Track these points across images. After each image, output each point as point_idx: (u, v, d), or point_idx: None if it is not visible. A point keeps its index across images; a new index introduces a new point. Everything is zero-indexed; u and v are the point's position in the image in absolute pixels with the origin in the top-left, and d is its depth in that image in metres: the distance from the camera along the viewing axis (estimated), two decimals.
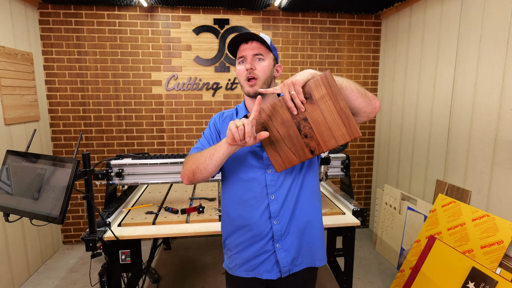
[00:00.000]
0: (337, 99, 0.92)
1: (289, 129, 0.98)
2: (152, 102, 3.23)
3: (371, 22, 3.38)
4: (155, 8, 3.09)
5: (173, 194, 2.29)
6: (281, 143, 1.00)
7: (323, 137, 0.96)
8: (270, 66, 1.14)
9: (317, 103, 0.93)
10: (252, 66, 1.10)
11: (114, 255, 1.69)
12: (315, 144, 0.97)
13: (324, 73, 0.91)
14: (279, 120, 0.97)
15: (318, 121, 0.95)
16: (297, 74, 0.95)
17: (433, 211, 2.40)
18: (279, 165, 1.02)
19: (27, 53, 2.76)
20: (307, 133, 0.97)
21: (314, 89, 0.92)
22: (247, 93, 1.14)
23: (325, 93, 0.92)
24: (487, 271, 1.84)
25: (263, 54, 1.12)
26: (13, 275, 2.54)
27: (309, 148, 0.98)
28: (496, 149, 2.00)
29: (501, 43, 1.95)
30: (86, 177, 1.49)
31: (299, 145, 0.99)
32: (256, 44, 1.11)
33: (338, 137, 0.95)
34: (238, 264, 1.20)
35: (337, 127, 0.94)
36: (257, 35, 1.10)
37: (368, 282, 2.69)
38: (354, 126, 0.93)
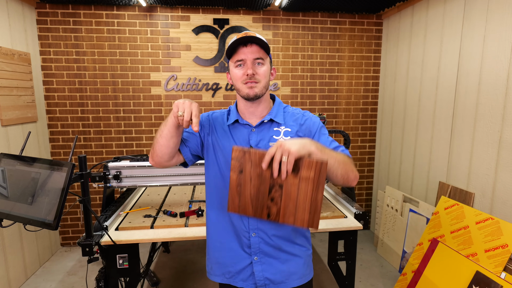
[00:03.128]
0: (318, 189, 0.92)
1: (262, 184, 0.95)
2: (151, 102, 3.20)
3: (372, 22, 3.34)
4: (154, 7, 3.06)
5: (172, 197, 2.25)
6: (247, 190, 0.97)
7: (285, 210, 0.95)
8: (268, 70, 1.12)
9: (299, 180, 0.92)
10: (254, 71, 1.07)
11: (111, 259, 1.65)
12: (275, 211, 0.96)
13: (322, 160, 0.91)
14: (258, 170, 0.95)
15: (290, 195, 0.94)
16: (295, 143, 0.91)
17: (435, 214, 2.37)
18: (233, 206, 0.99)
19: (24, 53, 2.73)
20: (274, 197, 0.95)
21: (305, 167, 0.91)
22: (245, 96, 1.08)
23: (311, 177, 0.92)
24: (491, 275, 1.81)
25: (263, 58, 1.09)
26: (10, 278, 2.51)
27: (268, 211, 0.97)
28: (500, 151, 1.97)
29: (505, 43, 1.92)
30: (83, 180, 1.46)
31: (261, 203, 0.97)
32: (256, 48, 1.07)
33: (297, 219, 0.95)
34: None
35: (303, 211, 0.94)
36: (257, 37, 1.06)
37: (369, 285, 2.65)
38: (317, 220, 0.94)
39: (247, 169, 0.95)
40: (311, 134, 1.14)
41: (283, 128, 1.14)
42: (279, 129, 1.14)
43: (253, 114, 1.16)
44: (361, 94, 3.46)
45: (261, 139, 1.13)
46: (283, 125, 1.15)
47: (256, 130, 1.14)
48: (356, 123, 3.51)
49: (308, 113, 1.20)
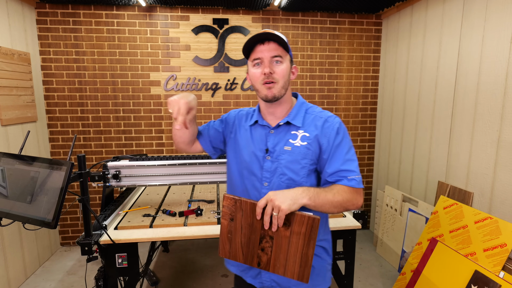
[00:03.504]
0: (309, 244, 0.91)
1: (252, 234, 0.96)
2: (151, 102, 3.20)
3: (372, 22, 3.35)
4: (153, 7, 3.06)
5: (171, 196, 2.26)
6: (237, 238, 0.97)
7: (276, 261, 0.95)
8: (288, 69, 1.06)
9: (290, 233, 0.92)
10: (271, 70, 1.02)
11: (110, 258, 1.66)
12: (265, 260, 0.96)
13: (314, 217, 0.90)
14: (248, 220, 0.95)
15: (281, 247, 0.94)
16: (287, 197, 0.90)
17: (434, 213, 2.37)
18: (223, 252, 1.00)
19: (24, 53, 2.73)
20: (265, 248, 0.95)
21: (297, 222, 0.91)
22: (264, 97, 1.06)
23: (303, 232, 0.91)
24: (490, 274, 1.81)
25: (281, 56, 1.04)
26: (9, 277, 2.51)
27: (259, 260, 0.97)
28: (499, 151, 1.97)
29: (504, 43, 1.92)
30: (82, 179, 1.46)
31: (251, 251, 0.97)
32: (274, 45, 1.02)
33: (287, 271, 0.95)
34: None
35: (293, 263, 0.94)
36: (275, 34, 1.01)
37: (368, 284, 2.65)
38: (307, 274, 0.93)
39: (238, 218, 0.96)
40: (328, 144, 1.06)
41: (301, 132, 1.08)
42: (296, 132, 1.09)
43: (272, 114, 1.12)
44: (360, 94, 3.46)
45: (278, 142, 1.09)
46: (301, 128, 1.09)
47: (275, 132, 1.11)
48: (356, 123, 3.51)
49: (330, 118, 1.10)
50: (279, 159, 1.08)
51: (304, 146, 1.06)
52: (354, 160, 1.07)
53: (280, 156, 1.08)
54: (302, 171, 1.07)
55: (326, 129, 1.07)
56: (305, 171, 1.07)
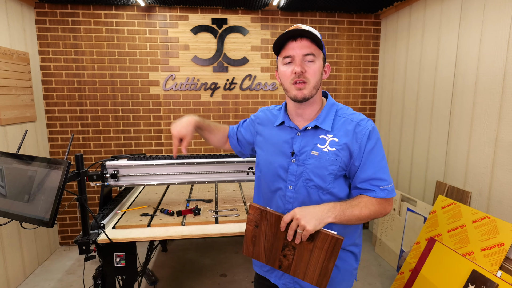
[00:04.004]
0: (330, 260, 0.94)
1: (275, 242, 0.99)
2: (150, 102, 3.21)
3: (371, 22, 3.35)
4: (152, 7, 3.07)
5: (170, 196, 2.26)
6: (261, 243, 1.01)
7: (296, 267, 0.99)
8: (320, 68, 1.01)
9: (313, 247, 0.94)
10: (302, 69, 0.97)
11: (108, 258, 1.66)
12: (286, 265, 1.00)
13: (338, 237, 0.91)
14: (273, 230, 0.98)
15: (302, 257, 0.97)
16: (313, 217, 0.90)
17: (433, 213, 2.38)
18: (247, 251, 1.05)
19: (23, 53, 2.74)
20: (287, 255, 0.99)
21: (320, 239, 0.93)
22: (293, 98, 1.01)
23: (325, 249, 0.93)
24: (487, 274, 1.81)
25: (314, 54, 0.98)
26: (8, 276, 2.51)
27: (280, 263, 1.00)
28: (497, 150, 1.97)
29: (502, 43, 1.92)
30: (79, 179, 1.46)
31: (274, 256, 1.01)
32: (307, 42, 0.97)
33: (307, 277, 0.98)
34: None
35: (313, 272, 0.97)
36: (308, 31, 0.95)
37: (367, 284, 2.66)
38: (325, 282, 0.96)
39: (263, 226, 0.99)
40: (360, 151, 1.01)
41: (330, 137, 1.03)
42: (325, 137, 1.03)
43: (301, 116, 1.08)
44: (359, 94, 3.46)
45: (304, 145, 1.05)
46: (331, 132, 1.03)
47: (302, 134, 1.06)
48: None
49: (363, 122, 1.04)
50: (305, 164, 1.04)
51: (332, 152, 1.01)
52: (386, 168, 1.04)
53: (306, 161, 1.04)
54: (329, 177, 1.03)
55: (357, 134, 1.01)
56: (332, 177, 1.03)
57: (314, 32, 0.97)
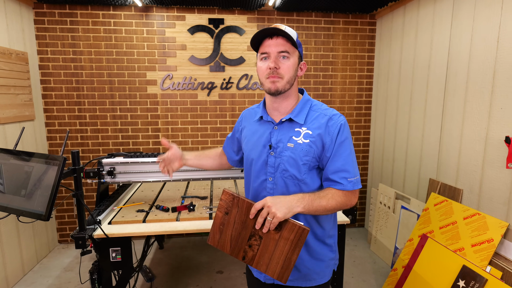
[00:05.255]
0: (294, 250, 0.96)
1: (243, 230, 1.00)
2: (147, 101, 3.24)
3: (366, 22, 3.38)
4: (150, 8, 3.10)
5: (166, 193, 2.29)
6: (228, 231, 1.02)
7: (260, 259, 1.00)
8: (295, 65, 1.07)
9: (279, 237, 0.97)
10: (276, 65, 1.04)
11: (104, 253, 1.69)
12: (250, 256, 1.01)
13: (304, 227, 0.94)
14: (242, 217, 1.00)
15: (268, 247, 0.98)
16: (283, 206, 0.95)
17: (425, 210, 2.41)
18: (213, 240, 1.05)
19: (22, 52, 2.78)
20: (252, 245, 1.00)
21: (287, 229, 0.96)
22: (267, 90, 1.08)
23: (291, 239, 0.96)
24: (477, 269, 1.85)
25: (288, 51, 1.05)
26: (7, 273, 2.55)
27: (244, 254, 1.02)
28: (487, 148, 2.01)
29: (491, 42, 1.96)
30: (75, 175, 1.50)
31: (239, 245, 1.02)
32: (282, 40, 1.04)
33: (270, 269, 0.99)
34: None
35: (276, 264, 0.98)
36: (283, 30, 1.02)
37: (361, 281, 2.69)
38: (287, 275, 0.98)
39: (233, 213, 1.01)
40: (331, 142, 1.07)
41: (304, 130, 1.09)
42: (300, 129, 1.09)
43: (277, 110, 1.14)
44: (355, 93, 3.50)
45: (281, 138, 1.11)
46: (304, 125, 1.10)
47: (278, 127, 1.12)
48: (350, 121, 3.54)
49: (335, 116, 1.10)
50: (282, 156, 1.10)
51: (306, 143, 1.07)
52: (354, 161, 1.09)
53: (282, 153, 1.09)
54: (304, 167, 1.08)
55: (330, 127, 1.07)
56: (306, 168, 1.08)
57: (289, 32, 1.03)
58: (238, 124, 1.35)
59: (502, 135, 1.89)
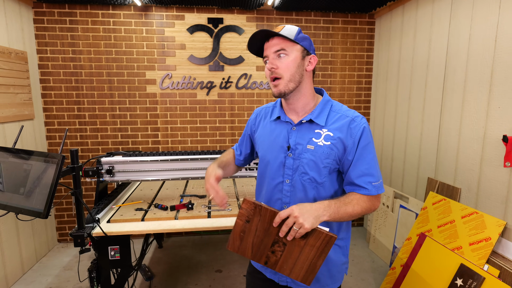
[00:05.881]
0: (320, 257, 0.94)
1: (266, 238, 0.97)
2: (147, 101, 3.25)
3: (365, 21, 3.39)
4: (149, 7, 3.11)
5: (165, 192, 2.30)
6: (250, 238, 0.99)
7: (283, 264, 0.98)
8: (296, 60, 1.03)
9: (304, 244, 0.94)
10: (273, 65, 1.02)
11: (103, 251, 1.70)
12: (273, 261, 0.98)
13: (331, 235, 0.92)
14: (265, 226, 0.96)
15: (292, 253, 0.96)
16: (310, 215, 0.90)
17: (424, 209, 2.42)
18: (233, 246, 1.02)
19: (21, 51, 2.78)
20: (276, 251, 0.97)
21: (314, 236, 0.93)
22: (273, 95, 1.07)
23: (317, 246, 0.93)
24: (475, 267, 1.85)
25: (285, 48, 1.01)
26: (6, 272, 2.55)
27: (267, 259, 0.99)
28: (485, 147, 2.01)
29: (489, 42, 1.96)
30: (74, 173, 1.50)
31: (261, 251, 0.99)
32: (277, 40, 1.02)
33: (293, 273, 0.97)
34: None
35: (300, 269, 0.96)
36: (273, 32, 1.01)
37: (360, 279, 2.70)
38: (311, 279, 0.96)
39: (255, 221, 0.97)
40: (354, 145, 1.03)
41: (324, 131, 1.05)
42: (320, 131, 1.05)
43: (293, 110, 1.11)
44: (354, 93, 3.50)
45: (300, 140, 1.08)
46: (325, 127, 1.05)
47: (297, 128, 1.09)
48: None
49: (357, 118, 1.06)
50: (301, 158, 1.06)
51: (327, 146, 1.04)
52: (377, 165, 1.07)
53: (302, 155, 1.06)
54: (324, 171, 1.05)
55: (352, 129, 1.03)
56: (327, 171, 1.05)
57: (284, 31, 1.01)
58: (252, 121, 1.29)
59: (500, 134, 1.89)
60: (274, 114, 1.16)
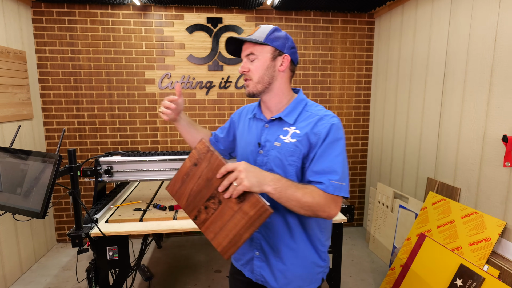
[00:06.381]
0: (248, 228, 0.89)
1: (205, 188, 0.94)
2: (146, 100, 3.24)
3: (364, 21, 3.38)
4: (148, 7, 3.10)
5: (163, 192, 2.29)
6: (190, 184, 0.96)
7: (211, 225, 0.94)
8: (265, 62, 1.05)
9: (238, 209, 0.90)
10: (244, 69, 1.07)
11: (101, 251, 1.69)
12: (203, 218, 0.95)
13: (267, 208, 0.87)
14: (209, 175, 0.93)
15: (223, 215, 0.92)
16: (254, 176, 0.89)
17: (423, 209, 2.41)
18: (172, 188, 1.00)
19: (20, 51, 2.77)
20: (209, 207, 0.94)
21: (250, 203, 0.89)
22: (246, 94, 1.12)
23: (250, 215, 0.89)
24: (474, 268, 1.85)
25: (254, 52, 1.05)
26: (5, 272, 2.55)
27: (198, 214, 0.96)
28: (484, 147, 2.01)
29: (489, 41, 1.96)
30: (72, 173, 1.50)
31: (195, 203, 0.96)
32: (246, 45, 1.07)
33: (216, 239, 0.94)
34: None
35: (225, 236, 0.92)
36: (239, 38, 1.06)
37: (359, 280, 2.69)
38: (231, 252, 0.92)
39: (202, 166, 0.94)
40: (317, 142, 1.01)
41: (292, 129, 1.06)
42: (288, 129, 1.06)
43: (267, 109, 1.13)
44: (353, 92, 3.50)
45: (270, 137, 1.09)
46: (294, 125, 1.06)
47: (269, 126, 1.11)
48: (349, 121, 3.54)
49: (326, 117, 1.04)
50: (269, 155, 1.07)
51: (292, 143, 1.03)
52: (342, 166, 1.00)
53: (269, 152, 1.07)
54: (290, 168, 1.04)
55: (318, 127, 1.02)
56: (293, 169, 1.04)
57: (253, 36, 1.05)
58: (236, 116, 1.31)
59: (500, 134, 1.89)
60: (252, 112, 1.20)
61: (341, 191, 0.98)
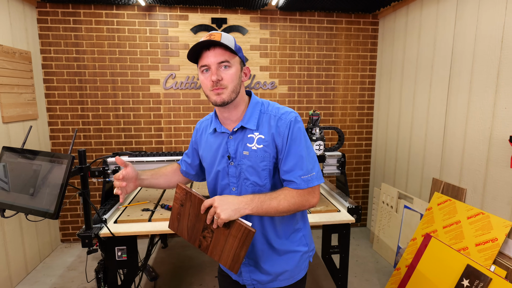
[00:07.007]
0: (242, 248, 0.99)
1: (197, 223, 1.04)
2: (150, 101, 3.24)
3: (369, 22, 3.39)
4: (153, 7, 3.11)
5: (170, 192, 2.30)
6: (184, 221, 1.07)
7: (213, 249, 1.04)
8: (237, 72, 1.04)
9: (228, 234, 0.99)
10: (218, 77, 1.00)
11: (110, 252, 1.70)
12: (205, 245, 1.05)
13: (250, 229, 0.96)
14: (195, 211, 1.02)
15: (219, 241, 1.02)
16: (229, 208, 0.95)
17: (429, 209, 2.41)
18: (172, 226, 1.11)
19: (25, 51, 2.78)
20: (206, 236, 1.04)
21: (235, 228, 0.98)
22: (213, 103, 1.05)
23: (238, 237, 0.98)
24: (481, 268, 1.85)
25: (229, 60, 1.01)
26: (10, 272, 2.55)
27: (200, 243, 1.06)
28: (491, 148, 2.01)
29: (495, 42, 1.96)
30: (82, 173, 1.50)
31: (195, 235, 1.06)
32: (220, 50, 1.00)
33: (222, 259, 1.03)
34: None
35: (227, 256, 1.02)
36: (219, 42, 0.98)
37: (364, 280, 2.70)
38: (237, 267, 1.02)
39: (187, 206, 1.04)
40: (283, 143, 1.05)
41: (256, 135, 1.07)
42: (253, 135, 1.07)
43: (228, 119, 1.11)
44: (357, 93, 3.50)
45: (237, 147, 1.09)
46: (257, 130, 1.07)
47: (233, 137, 1.10)
48: (353, 121, 3.55)
49: (284, 115, 1.07)
50: (241, 164, 1.08)
51: (260, 149, 1.06)
52: (308, 157, 1.06)
53: (241, 161, 1.08)
54: (263, 173, 1.07)
55: (280, 128, 1.05)
56: (266, 173, 1.07)
57: (226, 40, 1.00)
58: (193, 138, 1.29)
59: (507, 134, 1.89)
60: (211, 127, 1.16)
61: (314, 181, 1.05)
